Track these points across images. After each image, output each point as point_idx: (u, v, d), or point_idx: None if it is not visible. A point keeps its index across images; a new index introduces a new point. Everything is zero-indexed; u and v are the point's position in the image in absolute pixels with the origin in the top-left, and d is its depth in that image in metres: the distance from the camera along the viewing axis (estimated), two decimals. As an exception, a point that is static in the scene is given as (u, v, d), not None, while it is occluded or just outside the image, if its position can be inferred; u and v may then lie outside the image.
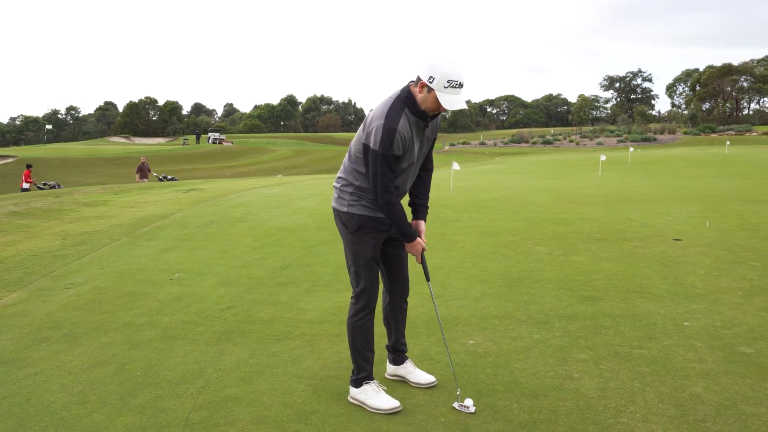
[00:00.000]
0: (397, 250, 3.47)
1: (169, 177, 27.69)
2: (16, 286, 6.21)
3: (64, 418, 3.33)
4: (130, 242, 8.42)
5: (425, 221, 3.49)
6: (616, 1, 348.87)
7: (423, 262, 3.37)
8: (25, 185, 22.90)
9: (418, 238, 3.31)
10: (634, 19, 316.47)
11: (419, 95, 3.08)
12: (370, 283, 3.34)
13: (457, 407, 3.24)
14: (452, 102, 3.01)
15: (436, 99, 3.02)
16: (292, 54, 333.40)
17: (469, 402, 3.24)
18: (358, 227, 3.29)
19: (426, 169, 3.48)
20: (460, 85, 3.01)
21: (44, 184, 25.12)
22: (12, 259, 7.53)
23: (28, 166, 24.19)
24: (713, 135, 56.37)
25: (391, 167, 3.10)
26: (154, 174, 26.75)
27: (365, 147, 3.13)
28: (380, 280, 3.49)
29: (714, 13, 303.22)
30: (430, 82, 3.00)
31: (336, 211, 3.38)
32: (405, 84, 3.21)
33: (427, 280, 3.46)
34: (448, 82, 2.98)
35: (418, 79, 3.07)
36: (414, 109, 3.12)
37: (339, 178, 3.38)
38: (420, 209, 3.48)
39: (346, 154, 3.36)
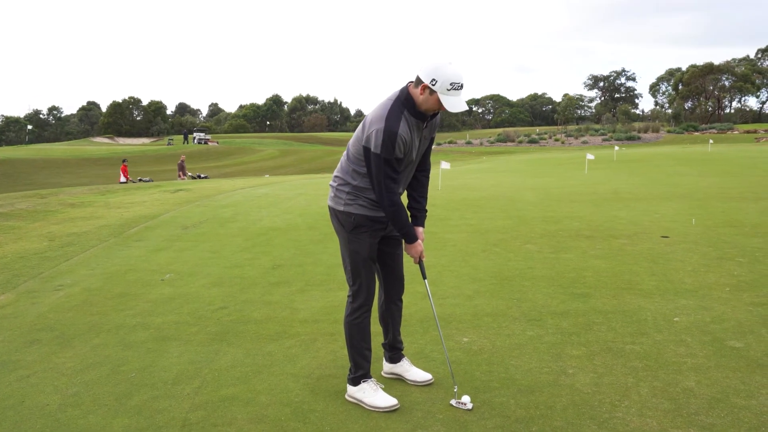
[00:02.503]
0: (392, 249, 3.49)
1: (202, 175, 28.73)
2: (4, 288, 6.14)
3: (60, 420, 3.30)
4: (119, 243, 8.36)
5: (424, 226, 3.51)
6: (600, 1, 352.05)
7: (420, 263, 3.41)
8: (123, 179, 25.04)
9: (419, 240, 3.34)
10: (617, 20, 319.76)
11: (420, 97, 3.09)
12: (366, 281, 3.36)
13: (454, 404, 3.27)
14: (455, 104, 3.05)
15: (439, 101, 3.05)
16: (278, 53, 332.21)
17: (466, 399, 3.26)
18: (355, 226, 3.30)
19: (422, 170, 3.49)
20: (461, 87, 3.04)
21: (140, 180, 26.23)
22: (-1, 261, 7.43)
23: (124, 161, 26.70)
24: (696, 133, 57.11)
25: (393, 169, 3.13)
26: (189, 174, 27.86)
27: (366, 150, 3.14)
28: (376, 278, 3.51)
29: (696, 13, 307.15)
30: (433, 85, 3.01)
31: (332, 210, 3.39)
32: (403, 85, 3.22)
33: (424, 278, 3.48)
34: (450, 84, 3.00)
35: (419, 80, 3.07)
36: (413, 110, 3.13)
37: (336, 176, 3.38)
38: (419, 215, 3.49)
39: (344, 154, 3.36)
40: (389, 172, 3.11)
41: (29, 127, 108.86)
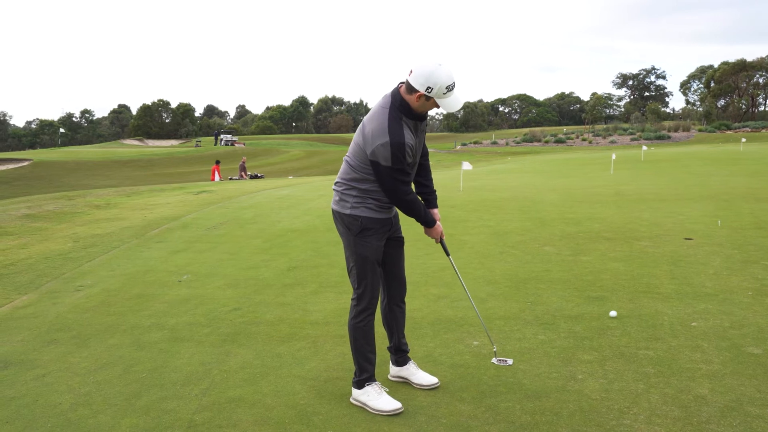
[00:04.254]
0: (394, 251, 3.49)
1: (259, 174, 30.28)
2: (27, 289, 6.30)
3: (70, 419, 3.36)
4: (140, 244, 8.50)
5: (437, 206, 3.62)
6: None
7: (441, 241, 3.56)
8: (217, 178, 26.58)
9: (438, 223, 3.47)
10: (646, 17, 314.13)
11: (416, 103, 3.12)
12: (372, 284, 3.36)
13: (496, 362, 3.72)
14: (453, 104, 3.13)
15: (435, 103, 3.11)
16: (304, 55, 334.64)
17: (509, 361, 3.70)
18: (362, 229, 3.30)
19: (422, 154, 3.55)
20: (455, 86, 3.08)
21: (230, 179, 27.77)
22: (24, 261, 7.62)
23: (217, 162, 28.27)
24: (728, 132, 55.74)
25: (406, 173, 3.23)
26: (248, 174, 29.41)
27: (374, 164, 3.17)
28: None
29: (727, 10, 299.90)
30: (429, 92, 3.05)
31: (337, 214, 3.40)
32: (394, 87, 3.23)
33: (447, 255, 3.66)
34: (446, 88, 3.05)
35: (411, 88, 3.09)
36: (410, 114, 3.17)
37: (340, 181, 3.39)
38: (430, 198, 3.59)
39: (344, 161, 3.38)
40: (403, 177, 3.20)
41: (62, 130, 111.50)
